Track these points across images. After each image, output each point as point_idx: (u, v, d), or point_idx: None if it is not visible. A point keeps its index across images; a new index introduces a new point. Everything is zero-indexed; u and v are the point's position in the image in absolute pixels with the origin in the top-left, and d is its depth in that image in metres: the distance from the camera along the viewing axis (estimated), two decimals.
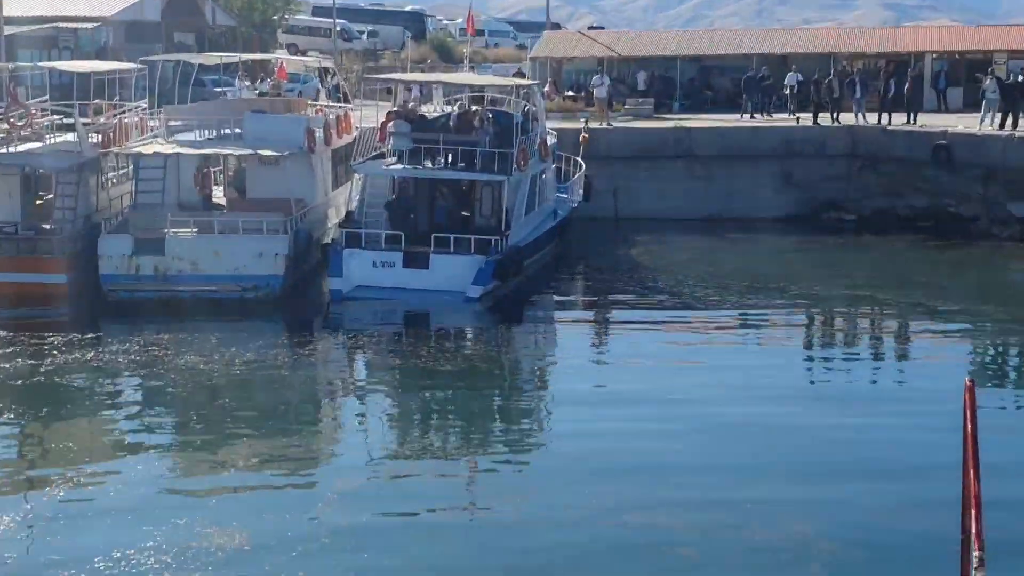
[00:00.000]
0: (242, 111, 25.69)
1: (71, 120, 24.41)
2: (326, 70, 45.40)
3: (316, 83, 40.09)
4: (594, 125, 33.73)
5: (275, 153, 23.75)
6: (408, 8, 78.30)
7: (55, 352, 19.02)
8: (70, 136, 24.27)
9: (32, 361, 18.49)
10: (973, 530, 7.78)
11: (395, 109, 26.53)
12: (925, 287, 25.73)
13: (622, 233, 31.92)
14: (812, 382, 19.27)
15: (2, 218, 23.06)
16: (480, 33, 70.09)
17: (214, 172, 26.43)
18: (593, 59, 43.77)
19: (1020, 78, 31.58)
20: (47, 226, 22.88)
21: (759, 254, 29.49)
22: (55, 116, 25.05)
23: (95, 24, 47.45)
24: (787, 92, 36.26)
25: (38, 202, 24.41)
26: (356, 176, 25.28)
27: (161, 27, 52.09)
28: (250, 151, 24.09)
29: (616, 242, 30.92)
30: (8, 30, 41.64)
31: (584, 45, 45.82)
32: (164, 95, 40.94)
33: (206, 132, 25.53)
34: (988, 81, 31.37)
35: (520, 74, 41.67)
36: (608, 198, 32.32)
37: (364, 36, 62.89)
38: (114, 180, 25.36)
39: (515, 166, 24.18)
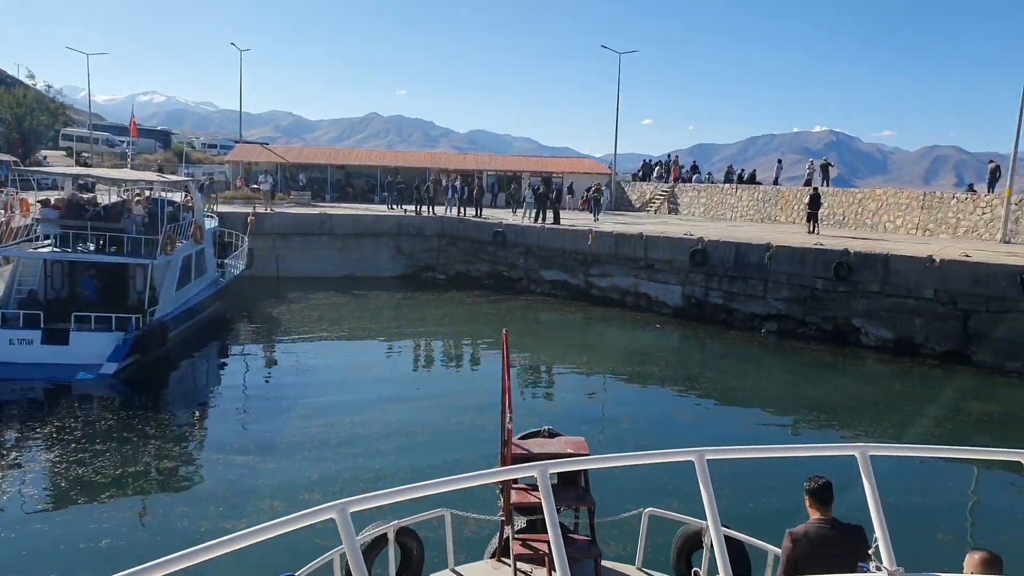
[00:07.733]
0: None
1: None
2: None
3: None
4: (262, 211, 41.66)
5: None
6: (160, 128, 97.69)
7: None
8: None
9: None
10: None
11: (50, 199, 27.57)
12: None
13: (280, 290, 36.83)
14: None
15: None
16: (213, 147, 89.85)
17: None
18: (273, 164, 52.89)
19: (541, 189, 40.31)
20: None
21: (375, 308, 33.77)
22: None
23: None
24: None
25: None
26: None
27: None
28: None
29: (273, 298, 35.09)
30: None
31: (265, 154, 56.05)
32: None
33: None
34: (526, 189, 40.89)
35: (159, 169, 47.58)
36: (271, 263, 39.23)
37: (125, 145, 75.19)
38: None
39: (160, 249, 24.97)
